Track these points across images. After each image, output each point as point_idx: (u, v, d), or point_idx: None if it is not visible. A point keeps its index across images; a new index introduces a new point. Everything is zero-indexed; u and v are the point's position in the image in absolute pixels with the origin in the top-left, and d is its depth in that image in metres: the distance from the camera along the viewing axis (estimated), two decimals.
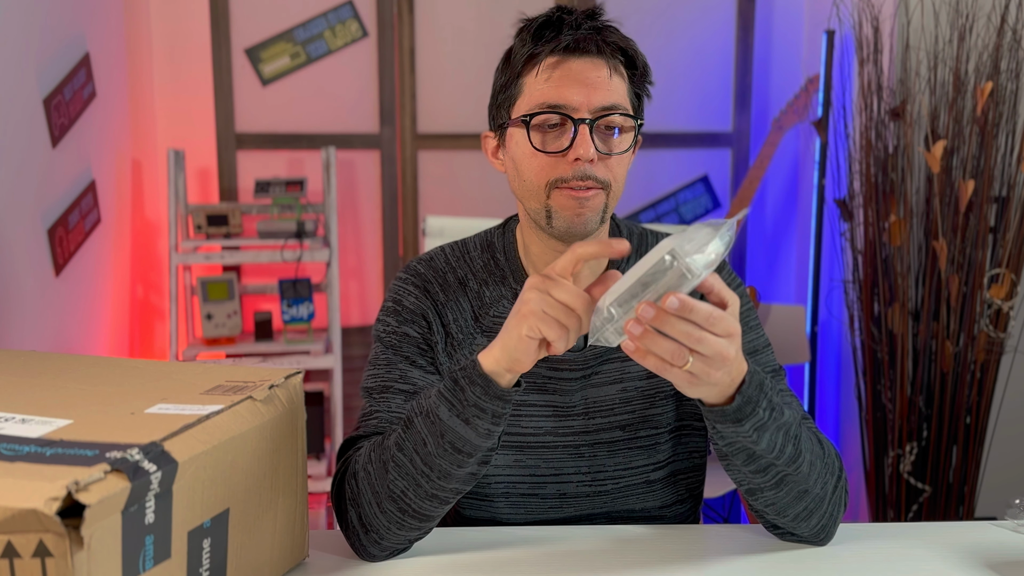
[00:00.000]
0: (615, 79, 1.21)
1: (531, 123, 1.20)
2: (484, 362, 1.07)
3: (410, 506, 1.12)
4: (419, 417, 1.10)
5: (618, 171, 1.22)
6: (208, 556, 0.96)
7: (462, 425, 1.07)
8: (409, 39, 3.33)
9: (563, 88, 1.19)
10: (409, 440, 1.10)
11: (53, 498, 0.77)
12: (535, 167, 1.21)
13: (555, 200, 1.20)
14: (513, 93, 1.24)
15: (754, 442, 1.09)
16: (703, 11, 3.40)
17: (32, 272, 2.40)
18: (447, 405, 1.07)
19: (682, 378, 1.01)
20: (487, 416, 1.07)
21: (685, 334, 0.97)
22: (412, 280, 1.33)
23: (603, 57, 1.20)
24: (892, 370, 2.61)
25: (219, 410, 0.98)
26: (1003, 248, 2.48)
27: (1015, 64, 2.47)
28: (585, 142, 1.17)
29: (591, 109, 1.18)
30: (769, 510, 1.18)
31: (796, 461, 1.13)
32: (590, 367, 1.29)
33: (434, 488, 1.11)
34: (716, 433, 1.11)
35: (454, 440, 1.08)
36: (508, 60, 1.26)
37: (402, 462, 1.11)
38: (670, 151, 3.45)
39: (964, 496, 2.59)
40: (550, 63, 1.20)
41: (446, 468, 1.09)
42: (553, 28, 1.22)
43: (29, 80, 2.40)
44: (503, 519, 1.32)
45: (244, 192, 3.36)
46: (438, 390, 1.09)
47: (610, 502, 1.31)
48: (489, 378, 1.06)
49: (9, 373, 1.13)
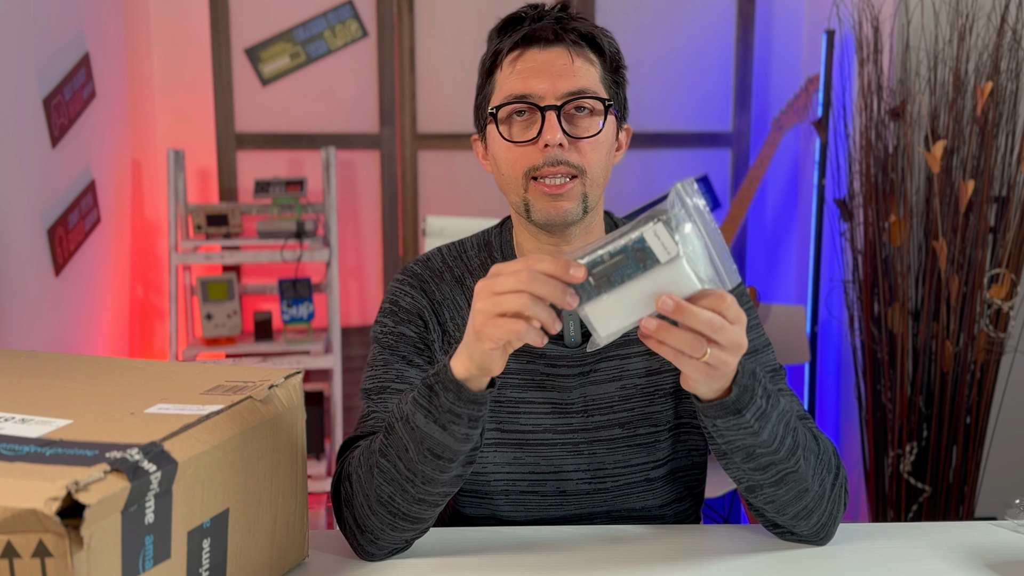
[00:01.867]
0: (580, 64, 1.21)
1: (499, 115, 1.22)
2: (455, 368, 1.05)
3: (399, 509, 1.12)
4: (399, 423, 1.10)
5: (592, 156, 1.21)
6: (208, 556, 0.96)
7: (439, 431, 1.06)
8: (409, 39, 3.33)
9: (527, 78, 1.20)
10: (392, 446, 1.10)
11: (53, 498, 0.77)
12: (511, 160, 1.22)
13: (531, 194, 1.22)
14: (488, 92, 1.26)
15: (755, 433, 1.08)
16: (703, 11, 3.41)
17: (32, 272, 2.40)
18: (423, 412, 1.07)
19: (700, 370, 0.99)
20: (463, 421, 1.06)
21: (708, 323, 0.96)
22: (408, 281, 1.33)
23: (563, 45, 1.21)
24: (892, 370, 2.62)
25: (219, 410, 0.99)
26: (1003, 248, 2.48)
27: (1015, 64, 2.48)
28: (552, 127, 1.18)
29: (557, 96, 1.19)
30: (769, 507, 1.18)
31: (795, 455, 1.12)
32: (588, 364, 1.29)
33: (420, 493, 1.11)
34: (716, 431, 1.10)
35: (432, 446, 1.07)
36: (483, 62, 1.28)
37: (386, 468, 1.11)
38: (670, 151, 3.46)
39: (964, 496, 2.59)
40: (512, 57, 1.22)
41: (429, 474, 1.09)
42: (516, 23, 1.25)
43: (29, 80, 2.40)
44: (503, 516, 1.32)
45: (244, 192, 3.37)
46: (413, 396, 1.08)
47: (610, 500, 1.31)
48: (461, 384, 1.05)
49: (9, 373, 1.13)
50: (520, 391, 1.29)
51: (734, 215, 2.99)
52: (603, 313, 0.96)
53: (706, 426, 1.11)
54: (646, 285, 0.95)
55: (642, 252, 0.94)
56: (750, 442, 1.09)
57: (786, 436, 1.11)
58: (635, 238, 0.94)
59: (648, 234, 0.94)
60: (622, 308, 0.96)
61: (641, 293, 0.95)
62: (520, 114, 1.22)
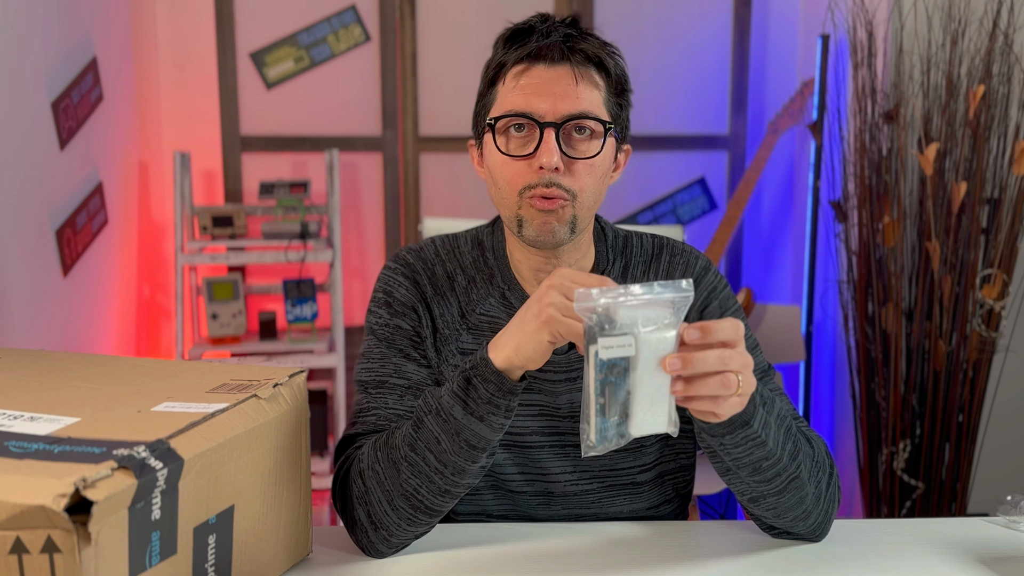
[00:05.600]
0: (584, 87, 1.19)
1: (496, 127, 1.20)
2: (496, 359, 1.07)
3: (423, 502, 1.13)
4: (430, 416, 1.11)
5: (586, 180, 1.20)
6: (213, 552, 0.97)
7: (477, 423, 1.08)
8: (411, 43, 3.36)
9: (529, 96, 1.18)
10: (421, 439, 1.11)
11: (61, 495, 0.78)
12: (507, 175, 1.20)
13: (524, 210, 1.20)
14: (488, 101, 1.24)
15: (762, 443, 1.08)
16: (700, 15, 3.42)
17: (40, 273, 2.42)
18: (461, 404, 1.08)
19: (734, 404, 0.99)
20: (500, 412, 1.08)
21: (720, 358, 0.96)
22: (402, 271, 1.32)
23: (568, 64, 1.18)
24: (886, 369, 2.63)
25: (224, 408, 0.99)
26: (995, 249, 2.49)
27: (1007, 68, 2.49)
28: (549, 149, 1.16)
29: (557, 116, 1.17)
30: (769, 514, 1.18)
31: (796, 459, 1.13)
32: (575, 370, 1.29)
33: (447, 484, 1.12)
34: (723, 449, 1.09)
35: (469, 437, 1.09)
36: (487, 69, 1.26)
37: (415, 461, 1.11)
38: (667, 153, 3.48)
39: (957, 493, 2.60)
40: (516, 71, 1.20)
41: (461, 464, 1.10)
42: (524, 35, 1.21)
43: (38, 84, 2.43)
44: (491, 512, 1.33)
45: (249, 194, 3.39)
46: (451, 390, 1.09)
47: (597, 502, 1.31)
48: (503, 375, 1.06)
49: (18, 372, 1.13)
50: None
51: (730, 217, 3.00)
52: (641, 419, 0.97)
53: (711, 446, 1.10)
54: (645, 376, 0.96)
55: (614, 367, 0.95)
56: (757, 455, 1.09)
57: (787, 441, 1.12)
58: (597, 368, 0.95)
59: (602, 354, 0.94)
60: (648, 404, 0.97)
61: (649, 384, 0.96)
62: (519, 128, 1.19)
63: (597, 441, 0.97)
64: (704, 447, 1.13)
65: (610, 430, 0.97)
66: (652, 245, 1.37)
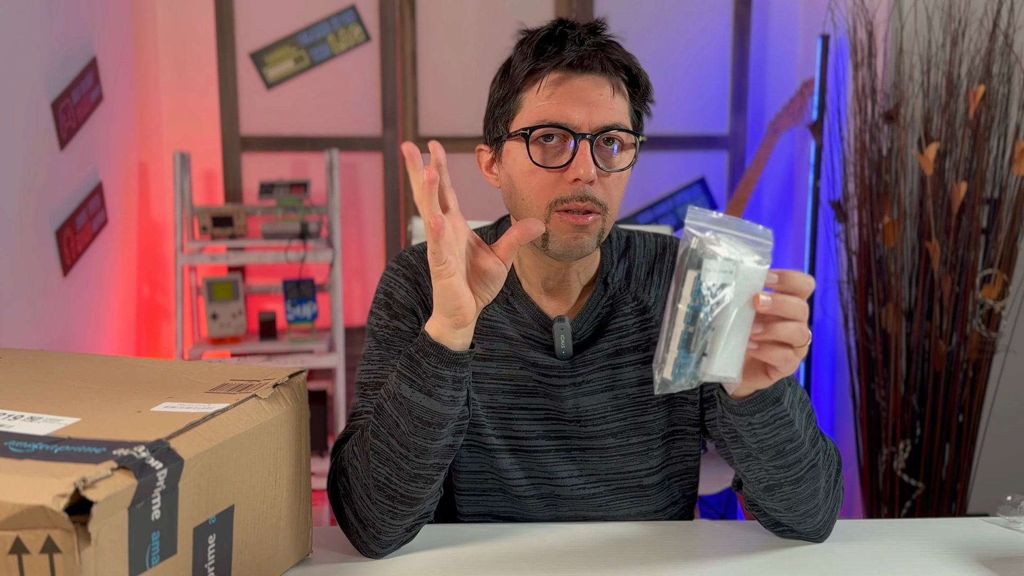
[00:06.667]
0: (617, 98, 1.18)
1: (531, 137, 1.17)
2: (430, 330, 1.07)
3: (397, 491, 1.11)
4: (387, 401, 1.10)
5: (615, 192, 1.18)
6: (213, 552, 0.97)
7: (426, 398, 1.07)
8: (411, 43, 3.36)
9: (565, 106, 1.15)
10: (383, 426, 1.11)
11: (61, 495, 0.77)
12: (534, 186, 1.17)
13: (554, 224, 1.17)
14: (512, 108, 1.20)
15: (790, 422, 1.06)
16: (700, 15, 3.42)
17: (40, 272, 2.43)
18: (407, 382, 1.07)
19: (795, 361, 0.98)
20: (447, 383, 1.07)
21: (800, 306, 0.96)
22: (403, 272, 1.31)
23: (606, 75, 1.17)
24: (886, 369, 2.63)
25: (224, 408, 0.98)
26: (995, 249, 2.50)
27: (1007, 68, 2.49)
28: (585, 161, 1.14)
29: (592, 128, 1.15)
30: (782, 505, 1.15)
31: (816, 444, 1.12)
32: (580, 375, 1.28)
33: (415, 468, 1.10)
34: (750, 429, 1.06)
35: (421, 415, 1.08)
36: (507, 73, 1.22)
37: (380, 448, 1.11)
38: (667, 153, 3.48)
39: (957, 493, 2.61)
40: (552, 79, 1.17)
41: (421, 444, 1.09)
42: (556, 43, 1.18)
43: (37, 84, 2.43)
44: (499, 514, 1.32)
45: (249, 194, 3.39)
46: (397, 370, 1.09)
47: (604, 505, 1.31)
48: (440, 345, 1.06)
49: (18, 372, 1.12)
50: (513, 397, 1.28)
51: None
52: (719, 358, 0.95)
53: (735, 429, 1.08)
54: (735, 310, 0.94)
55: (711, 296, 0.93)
56: (783, 435, 1.07)
57: (808, 425, 1.10)
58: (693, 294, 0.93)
59: (705, 278, 0.93)
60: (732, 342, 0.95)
61: (738, 319, 0.94)
62: (548, 138, 1.17)
63: (673, 377, 0.94)
64: (726, 431, 1.11)
65: (688, 367, 0.94)
66: (655, 245, 1.36)
